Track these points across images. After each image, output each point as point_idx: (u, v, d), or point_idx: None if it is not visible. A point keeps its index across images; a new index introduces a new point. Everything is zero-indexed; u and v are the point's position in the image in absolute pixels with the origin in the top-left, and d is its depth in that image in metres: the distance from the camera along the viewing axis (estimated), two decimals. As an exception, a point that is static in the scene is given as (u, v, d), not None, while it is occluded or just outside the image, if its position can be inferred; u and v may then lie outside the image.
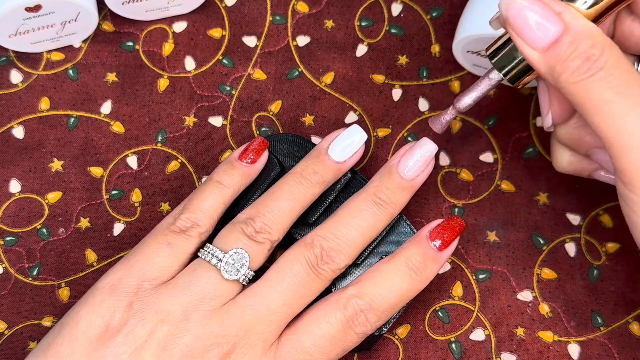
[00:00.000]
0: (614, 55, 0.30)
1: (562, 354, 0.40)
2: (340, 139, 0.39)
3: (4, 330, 0.40)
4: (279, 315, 0.35)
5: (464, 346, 0.40)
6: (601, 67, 0.30)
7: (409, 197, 0.38)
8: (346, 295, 0.35)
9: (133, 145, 0.43)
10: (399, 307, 0.36)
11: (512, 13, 0.31)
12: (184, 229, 0.36)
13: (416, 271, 0.36)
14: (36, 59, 0.44)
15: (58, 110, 0.43)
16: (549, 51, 0.30)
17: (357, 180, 0.40)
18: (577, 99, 0.30)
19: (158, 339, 0.33)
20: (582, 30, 0.30)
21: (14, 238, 0.41)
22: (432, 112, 0.44)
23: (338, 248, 0.36)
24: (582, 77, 0.30)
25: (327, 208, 0.40)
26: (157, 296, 0.34)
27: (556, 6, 0.30)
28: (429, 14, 0.45)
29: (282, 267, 0.35)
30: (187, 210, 0.37)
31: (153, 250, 0.35)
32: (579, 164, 0.37)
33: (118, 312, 0.33)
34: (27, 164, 0.42)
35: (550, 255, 0.41)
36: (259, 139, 0.40)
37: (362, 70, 0.44)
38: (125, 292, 0.34)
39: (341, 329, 0.35)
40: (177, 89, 0.44)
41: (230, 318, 0.34)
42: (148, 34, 0.45)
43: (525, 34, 0.31)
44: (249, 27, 0.45)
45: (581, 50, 0.30)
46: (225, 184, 0.38)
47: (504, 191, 0.43)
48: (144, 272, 0.35)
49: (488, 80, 0.35)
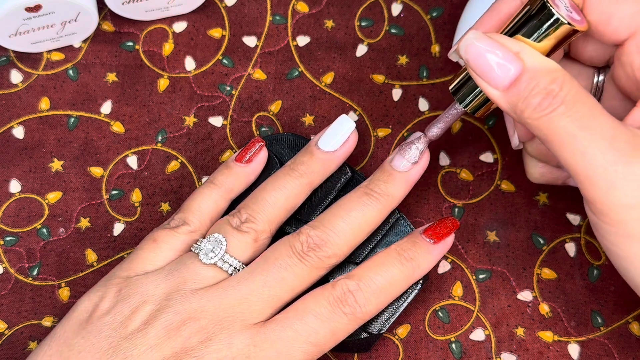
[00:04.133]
0: (574, 88, 0.30)
1: (562, 354, 0.40)
2: (328, 130, 0.40)
3: (4, 330, 0.40)
4: (259, 296, 0.35)
5: (464, 346, 0.40)
6: (562, 102, 0.30)
7: (403, 190, 0.38)
8: (336, 279, 0.36)
9: (133, 145, 0.43)
10: (391, 293, 0.36)
11: (472, 56, 0.31)
12: (173, 227, 0.38)
13: (407, 257, 0.37)
14: (36, 59, 0.44)
15: (58, 110, 0.43)
16: (509, 90, 0.31)
17: (357, 180, 0.40)
18: (541, 133, 0.31)
19: (141, 316, 0.35)
20: (541, 67, 0.31)
21: (14, 238, 0.41)
22: (432, 112, 0.44)
23: (324, 236, 0.36)
24: (544, 112, 0.30)
25: (327, 207, 0.40)
26: (143, 281, 0.36)
27: (514, 46, 0.31)
28: (429, 14, 0.45)
29: (266, 253, 0.37)
30: (179, 210, 0.39)
31: (140, 247, 0.38)
32: (550, 174, 0.38)
33: (108, 297, 0.35)
34: (27, 164, 0.42)
35: (550, 255, 0.41)
36: (254, 140, 0.40)
37: (362, 70, 0.44)
38: (115, 282, 0.36)
39: (329, 308, 0.35)
40: (177, 89, 0.44)
41: (210, 297, 0.35)
42: (148, 34, 0.45)
43: (486, 75, 0.31)
44: (249, 27, 0.45)
45: (541, 87, 0.30)
46: (217, 184, 0.39)
47: (504, 191, 0.43)
48: (130, 265, 0.37)
49: (454, 110, 0.37)
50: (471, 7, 0.42)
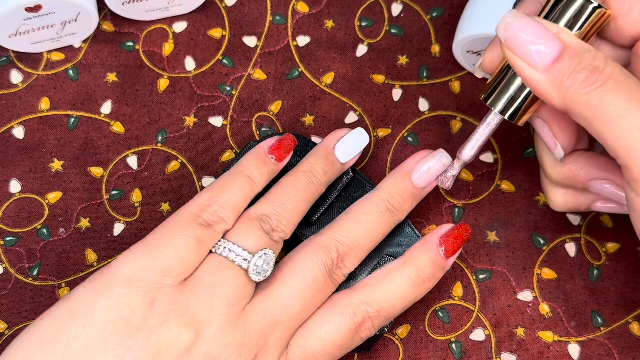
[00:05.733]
0: (618, 65, 0.30)
1: (562, 354, 0.40)
2: (346, 140, 0.39)
3: (4, 330, 0.40)
4: (296, 321, 0.35)
5: (464, 346, 0.40)
6: (609, 77, 0.29)
7: (415, 205, 0.39)
8: (355, 301, 0.35)
9: (133, 145, 0.43)
10: (402, 311, 0.37)
11: (511, 35, 0.30)
12: (211, 223, 0.34)
13: (425, 280, 0.36)
14: (36, 59, 0.44)
15: (58, 110, 0.43)
16: (552, 68, 0.30)
17: (358, 180, 0.40)
18: (587, 112, 0.30)
19: (181, 343, 0.32)
20: (582, 46, 0.30)
21: (14, 238, 0.41)
22: (432, 112, 0.44)
23: (351, 253, 0.36)
24: (592, 87, 0.29)
25: (328, 207, 0.40)
26: (181, 296, 0.32)
27: (552, 27, 0.30)
28: (429, 14, 0.45)
29: (301, 272, 0.35)
30: (214, 202, 0.35)
31: (180, 244, 0.33)
32: (574, 200, 0.37)
33: (139, 309, 0.31)
34: (27, 164, 0.42)
35: (550, 255, 0.41)
36: (291, 137, 0.38)
37: (362, 70, 0.44)
38: (147, 287, 0.32)
39: (349, 334, 0.35)
40: (177, 89, 0.44)
41: (251, 325, 0.33)
42: (148, 34, 0.45)
43: (526, 54, 0.30)
44: (249, 27, 0.45)
45: (586, 63, 0.30)
46: (255, 180, 0.37)
47: (504, 191, 0.43)
48: (167, 266, 0.33)
49: (486, 125, 0.35)
50: (471, 7, 0.42)
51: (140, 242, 0.34)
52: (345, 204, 0.40)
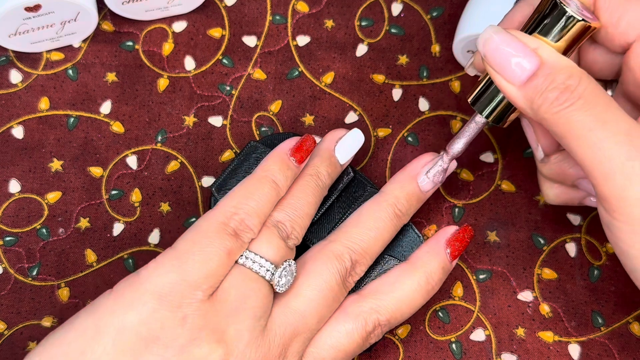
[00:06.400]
0: (591, 84, 0.30)
1: (562, 354, 0.40)
2: (345, 141, 0.39)
3: (4, 331, 0.40)
4: (313, 332, 0.35)
5: (465, 346, 0.40)
6: (579, 96, 0.30)
7: (419, 207, 0.40)
8: (366, 309, 0.36)
9: (133, 145, 0.43)
10: (410, 317, 0.37)
11: (490, 50, 0.31)
12: (239, 232, 0.34)
13: (434, 286, 0.37)
14: (36, 59, 0.44)
15: (58, 110, 0.43)
16: (526, 85, 0.31)
17: (359, 180, 0.40)
18: (558, 129, 0.31)
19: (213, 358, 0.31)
20: (558, 63, 0.31)
21: (14, 238, 0.41)
22: (432, 112, 0.44)
23: (363, 260, 0.37)
24: (562, 107, 0.30)
25: (329, 207, 0.40)
26: (211, 311, 0.32)
27: (531, 42, 0.31)
28: (429, 14, 0.45)
29: (318, 283, 0.35)
30: (241, 209, 0.34)
31: (211, 257, 0.32)
32: (566, 194, 0.37)
33: (170, 325, 0.31)
34: (27, 164, 0.42)
35: (550, 255, 0.41)
36: (311, 138, 0.38)
37: (362, 70, 0.44)
38: (177, 303, 0.31)
39: (360, 342, 0.36)
40: (177, 89, 0.44)
41: (274, 339, 0.33)
42: (148, 33, 0.45)
43: (503, 70, 0.31)
44: (249, 27, 0.45)
45: (559, 82, 0.30)
46: (280, 185, 0.36)
47: (504, 191, 0.43)
48: (198, 280, 0.32)
49: (474, 124, 0.37)
50: (471, 7, 0.42)
51: (169, 251, 0.33)
52: (345, 204, 0.40)
